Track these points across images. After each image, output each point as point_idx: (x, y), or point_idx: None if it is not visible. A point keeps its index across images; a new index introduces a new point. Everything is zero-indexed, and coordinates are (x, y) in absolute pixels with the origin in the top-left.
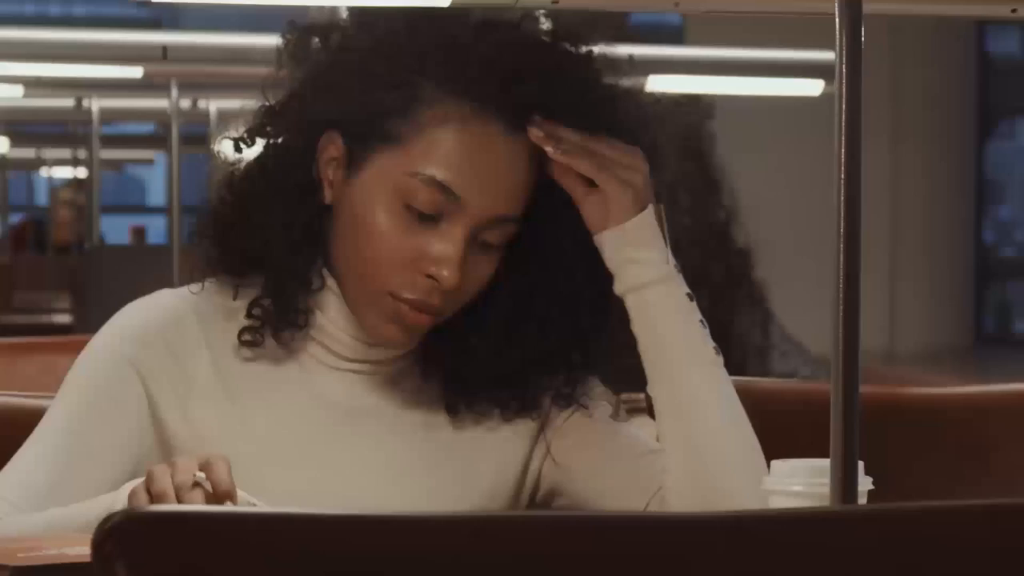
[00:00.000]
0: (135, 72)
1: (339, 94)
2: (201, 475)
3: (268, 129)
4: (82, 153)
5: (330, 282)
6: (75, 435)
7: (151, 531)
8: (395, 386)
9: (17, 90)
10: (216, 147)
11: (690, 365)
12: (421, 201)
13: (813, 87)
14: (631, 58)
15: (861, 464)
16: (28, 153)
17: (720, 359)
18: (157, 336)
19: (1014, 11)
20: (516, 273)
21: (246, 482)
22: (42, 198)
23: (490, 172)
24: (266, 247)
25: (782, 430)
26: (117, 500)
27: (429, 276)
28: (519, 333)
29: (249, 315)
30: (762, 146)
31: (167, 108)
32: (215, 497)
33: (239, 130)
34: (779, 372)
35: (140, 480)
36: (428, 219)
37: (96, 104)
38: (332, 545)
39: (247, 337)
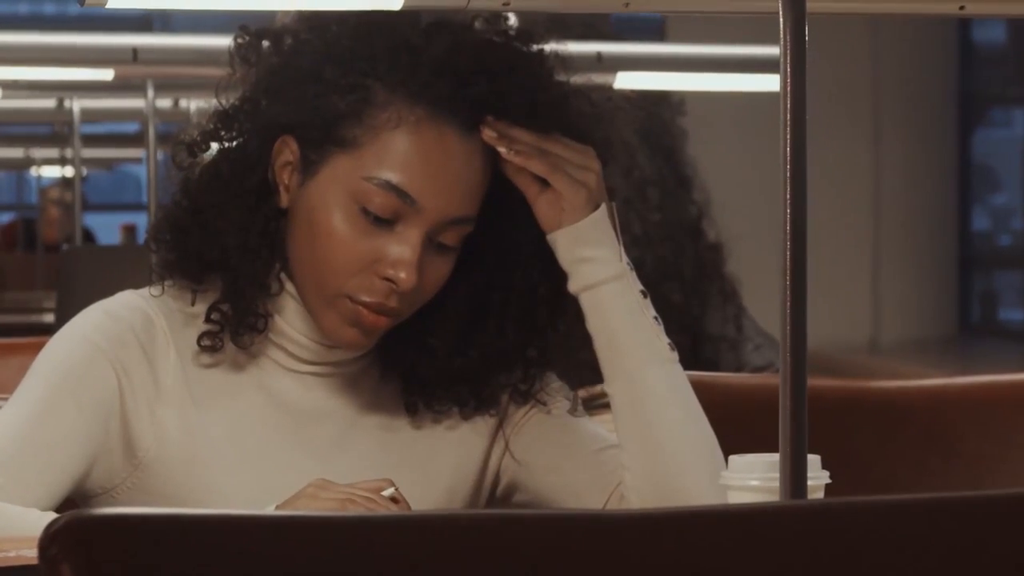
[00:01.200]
0: (106, 74)
1: (292, 98)
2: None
3: (222, 133)
4: (69, 152)
5: (288, 286)
6: (48, 416)
7: (96, 534)
8: (354, 388)
9: None
10: (169, 151)
11: (645, 362)
12: (376, 205)
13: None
14: (599, 56)
15: (818, 458)
16: (16, 153)
17: (675, 356)
18: (132, 337)
19: (962, 8)
20: (472, 270)
21: (206, 486)
22: (32, 197)
23: (445, 174)
24: (223, 252)
25: (751, 424)
26: None
27: (386, 279)
28: (476, 331)
29: (208, 320)
30: (735, 141)
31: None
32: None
33: (192, 133)
34: (754, 365)
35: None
36: (384, 222)
37: (77, 104)
38: (276, 547)
39: (206, 342)
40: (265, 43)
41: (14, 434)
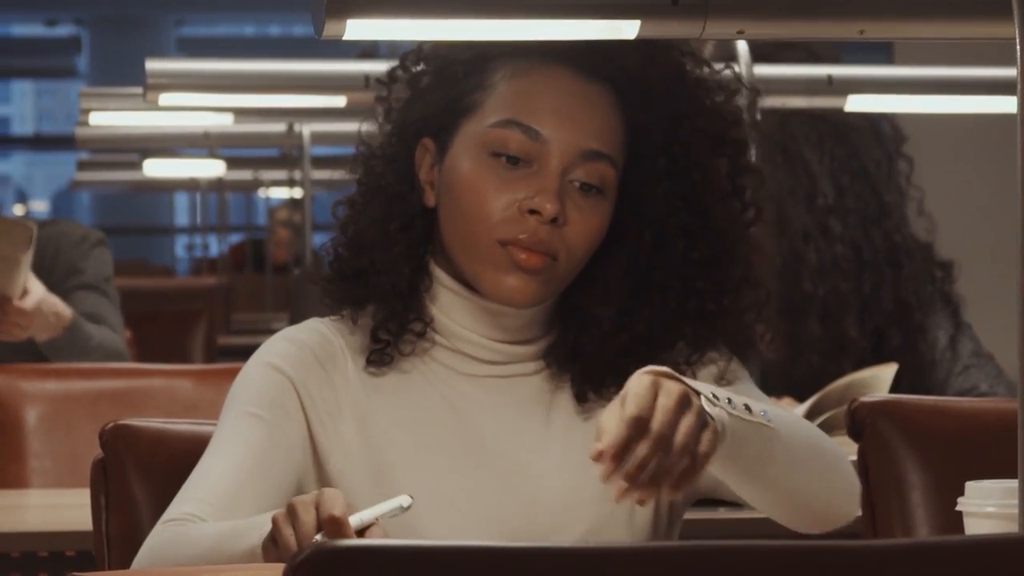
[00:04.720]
0: (339, 101)
1: (425, 102)
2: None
3: (376, 170)
4: (298, 174)
5: (438, 273)
6: (257, 446)
7: (341, 565)
8: (526, 386)
9: (227, 118)
10: (333, 211)
11: (764, 465)
12: (504, 145)
13: (1009, 104)
14: (830, 79)
15: None
16: (246, 175)
17: (771, 422)
18: (310, 355)
19: None
20: (630, 248)
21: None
22: (260, 219)
23: (565, 107)
24: (371, 263)
25: (991, 450)
26: (264, 524)
27: (531, 211)
28: (640, 303)
29: (375, 337)
30: (963, 161)
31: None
32: (331, 529)
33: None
34: (958, 388)
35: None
36: (518, 162)
37: (307, 129)
38: None
39: (375, 357)
40: (396, 82)
41: (219, 474)
